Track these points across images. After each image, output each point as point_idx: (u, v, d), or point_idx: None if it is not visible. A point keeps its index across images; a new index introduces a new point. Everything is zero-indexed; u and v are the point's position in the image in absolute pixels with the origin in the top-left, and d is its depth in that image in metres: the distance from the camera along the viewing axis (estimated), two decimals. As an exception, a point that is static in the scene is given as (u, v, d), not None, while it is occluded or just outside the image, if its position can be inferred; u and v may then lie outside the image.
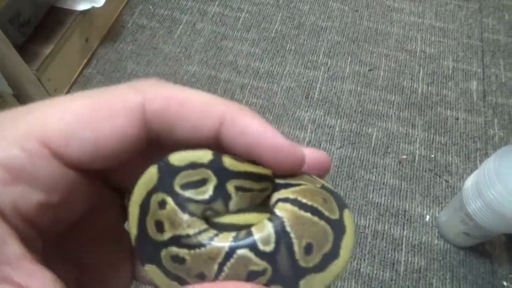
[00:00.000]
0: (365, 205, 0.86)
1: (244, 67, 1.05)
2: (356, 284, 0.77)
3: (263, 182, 0.16)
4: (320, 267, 0.14)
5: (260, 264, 0.14)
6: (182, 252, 0.14)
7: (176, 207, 0.14)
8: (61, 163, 0.14)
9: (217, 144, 0.16)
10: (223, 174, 0.14)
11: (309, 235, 0.14)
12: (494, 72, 1.07)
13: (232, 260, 0.14)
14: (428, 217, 0.85)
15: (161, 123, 0.15)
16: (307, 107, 0.99)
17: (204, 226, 0.14)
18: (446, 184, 0.89)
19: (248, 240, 0.14)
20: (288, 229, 0.14)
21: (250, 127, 0.15)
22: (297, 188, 0.15)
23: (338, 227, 0.15)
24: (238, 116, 0.15)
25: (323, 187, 0.16)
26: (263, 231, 0.14)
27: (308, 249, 0.14)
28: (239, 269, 0.14)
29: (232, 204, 0.15)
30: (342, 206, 0.16)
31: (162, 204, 0.14)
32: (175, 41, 1.09)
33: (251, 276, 0.14)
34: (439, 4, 1.20)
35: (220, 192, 0.15)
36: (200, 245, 0.14)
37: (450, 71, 1.07)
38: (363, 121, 0.97)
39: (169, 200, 0.14)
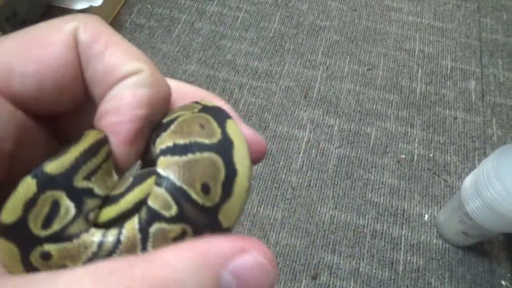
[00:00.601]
0: (364, 205, 0.86)
1: (243, 67, 1.05)
2: (355, 284, 0.77)
3: (100, 151, 0.14)
4: (226, 195, 0.14)
5: (176, 228, 0.13)
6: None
7: (60, 246, 0.13)
8: (9, 103, 0.13)
9: None
10: (62, 182, 0.13)
11: (199, 176, 0.13)
12: (492, 71, 1.07)
13: (150, 240, 0.13)
14: (426, 216, 0.85)
15: (84, 54, 0.14)
16: (305, 106, 0.99)
17: (99, 233, 0.13)
18: (444, 183, 0.89)
19: (152, 215, 0.13)
20: (179, 183, 0.13)
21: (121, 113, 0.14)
22: (174, 125, 0.15)
23: (223, 147, 0.14)
24: (125, 87, 0.14)
25: (202, 108, 0.16)
26: (159, 200, 0.13)
27: (205, 190, 0.13)
28: (162, 242, 0.13)
29: (99, 191, 0.14)
30: (222, 120, 0.15)
31: (45, 256, 0.13)
32: (174, 41, 1.09)
33: (178, 241, 0.13)
34: (437, 3, 1.20)
35: (78, 196, 0.13)
36: (112, 250, 0.13)
37: (449, 71, 1.07)
38: (362, 121, 0.97)
39: (47, 247, 0.13)
